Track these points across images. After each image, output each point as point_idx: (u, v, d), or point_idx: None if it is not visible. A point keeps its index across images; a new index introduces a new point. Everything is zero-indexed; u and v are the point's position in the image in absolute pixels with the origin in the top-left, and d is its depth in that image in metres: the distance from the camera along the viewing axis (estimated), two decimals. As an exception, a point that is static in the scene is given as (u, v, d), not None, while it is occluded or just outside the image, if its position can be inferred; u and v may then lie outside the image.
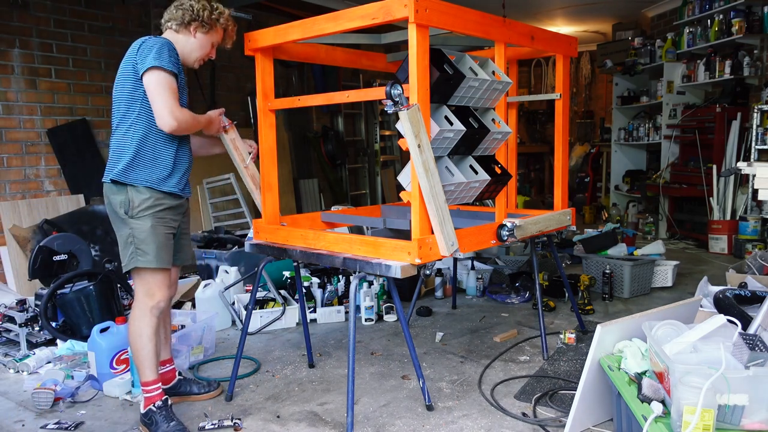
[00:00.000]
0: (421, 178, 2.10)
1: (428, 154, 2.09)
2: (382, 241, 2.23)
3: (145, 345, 2.28)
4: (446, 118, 2.35)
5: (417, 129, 2.05)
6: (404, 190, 2.32)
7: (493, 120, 2.59)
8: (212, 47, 2.40)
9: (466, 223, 2.79)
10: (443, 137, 2.29)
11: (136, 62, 2.19)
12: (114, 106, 2.28)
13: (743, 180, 5.51)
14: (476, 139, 2.46)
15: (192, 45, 2.34)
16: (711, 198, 5.67)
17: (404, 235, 2.57)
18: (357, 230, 4.27)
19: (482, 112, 2.59)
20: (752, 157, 5.22)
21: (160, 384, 2.33)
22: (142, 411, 2.31)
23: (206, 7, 2.32)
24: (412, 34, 2.05)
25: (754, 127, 5.23)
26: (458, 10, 2.23)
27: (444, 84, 2.28)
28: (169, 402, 2.34)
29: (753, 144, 5.25)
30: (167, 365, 2.58)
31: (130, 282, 3.92)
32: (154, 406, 2.29)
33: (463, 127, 2.32)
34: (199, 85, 5.44)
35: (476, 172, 2.50)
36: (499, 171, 2.60)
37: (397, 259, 2.18)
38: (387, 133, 7.64)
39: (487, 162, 2.58)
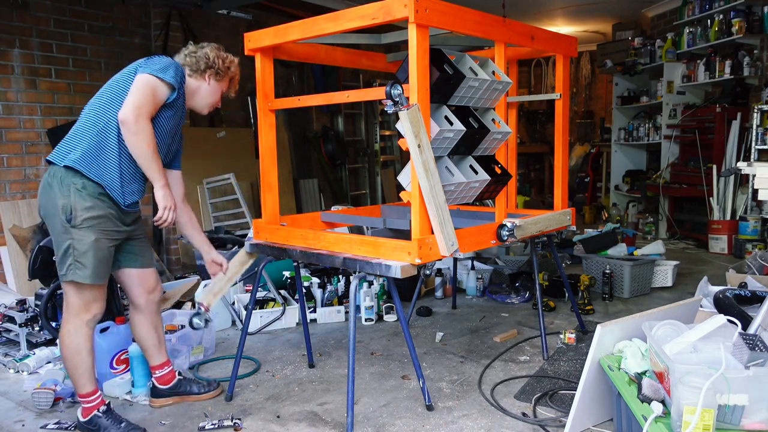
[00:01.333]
0: (421, 178, 2.10)
1: (428, 154, 2.09)
2: (382, 241, 2.23)
3: (85, 359, 2.24)
4: (446, 118, 2.35)
5: (417, 129, 2.05)
6: (404, 190, 2.31)
7: (493, 120, 2.59)
8: (221, 95, 2.43)
9: (466, 223, 2.79)
10: (443, 137, 2.29)
11: (140, 66, 2.19)
12: (98, 94, 2.23)
13: (743, 180, 5.51)
14: (476, 139, 2.46)
15: (205, 91, 2.37)
16: (711, 198, 5.67)
17: (404, 235, 2.57)
18: (357, 230, 4.27)
19: (482, 112, 2.59)
20: (752, 157, 5.22)
21: (99, 393, 2.31)
22: (83, 419, 2.28)
23: (220, 56, 2.36)
24: (412, 34, 2.05)
25: (754, 127, 5.23)
26: (458, 10, 2.22)
27: (444, 84, 2.28)
28: (112, 405, 2.34)
29: (753, 144, 5.25)
30: (165, 367, 2.57)
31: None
32: (98, 411, 2.28)
33: (463, 127, 2.32)
34: (199, 85, 5.43)
35: (476, 172, 2.50)
36: (499, 171, 2.60)
37: (397, 259, 2.18)
38: (387, 133, 7.64)
39: (487, 162, 2.58)
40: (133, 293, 2.45)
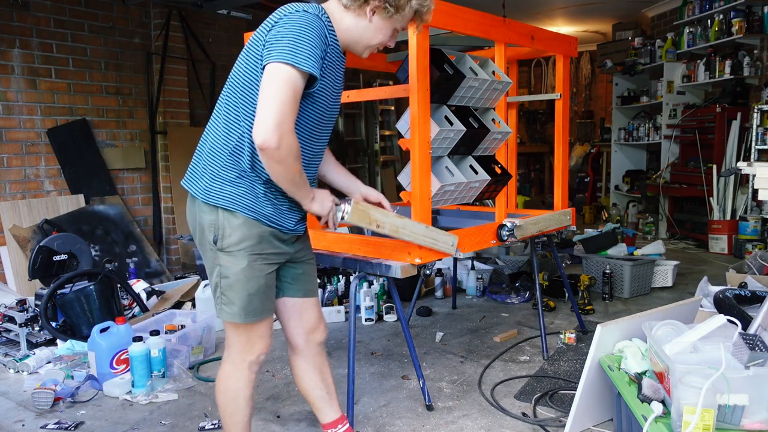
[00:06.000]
0: (399, 236, 1.99)
1: (390, 220, 1.92)
2: (382, 241, 2.23)
3: (241, 409, 1.81)
4: (446, 118, 2.35)
5: (368, 218, 1.84)
6: (404, 190, 2.31)
7: (493, 120, 2.59)
8: (394, 33, 1.72)
9: (466, 223, 2.79)
10: (443, 137, 2.29)
11: (265, 45, 1.56)
12: (225, 91, 1.69)
13: (743, 180, 5.51)
14: (476, 139, 2.47)
15: (363, 30, 1.66)
16: (711, 198, 5.67)
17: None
18: (357, 230, 4.27)
19: (482, 112, 2.59)
20: (752, 157, 5.21)
21: None
22: None
23: None
24: (412, 35, 2.05)
25: (754, 127, 5.23)
26: (458, 10, 2.23)
27: (444, 84, 2.29)
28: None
29: (753, 144, 5.25)
30: (339, 426, 2.01)
31: (132, 281, 3.92)
32: None
33: (463, 127, 2.32)
34: (199, 85, 5.44)
35: (476, 172, 2.50)
36: (499, 171, 2.61)
37: (397, 259, 2.18)
38: (387, 133, 7.64)
39: (487, 162, 2.58)
40: (289, 329, 1.94)
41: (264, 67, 1.53)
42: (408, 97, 2.15)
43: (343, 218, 1.73)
